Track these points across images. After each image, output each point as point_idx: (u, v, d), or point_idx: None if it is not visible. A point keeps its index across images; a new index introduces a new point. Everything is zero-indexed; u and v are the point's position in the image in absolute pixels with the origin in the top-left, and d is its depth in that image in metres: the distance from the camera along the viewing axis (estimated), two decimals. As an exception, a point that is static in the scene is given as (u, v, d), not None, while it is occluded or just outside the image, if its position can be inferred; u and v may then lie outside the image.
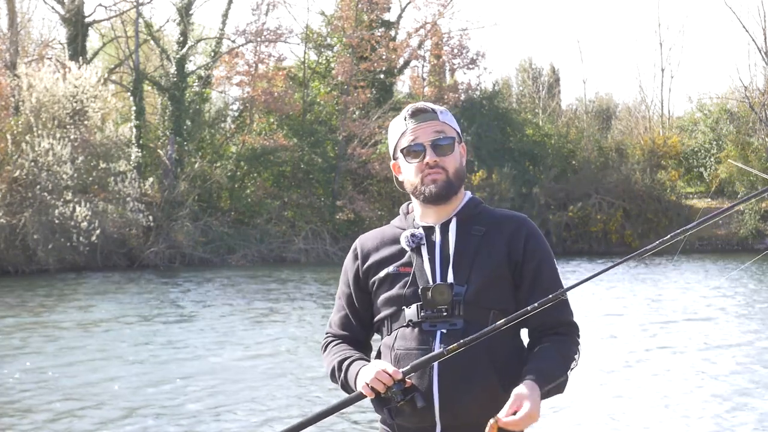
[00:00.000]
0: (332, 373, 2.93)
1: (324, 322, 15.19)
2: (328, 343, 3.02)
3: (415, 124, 2.88)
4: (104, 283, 22.50)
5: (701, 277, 22.94)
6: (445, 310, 2.75)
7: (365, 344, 3.01)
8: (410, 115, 2.90)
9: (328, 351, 2.99)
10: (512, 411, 2.56)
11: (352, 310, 2.99)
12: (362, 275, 2.95)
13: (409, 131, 2.88)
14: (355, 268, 2.98)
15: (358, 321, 2.98)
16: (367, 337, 3.01)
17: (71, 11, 31.06)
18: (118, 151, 28.36)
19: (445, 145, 2.86)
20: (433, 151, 2.85)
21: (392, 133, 2.96)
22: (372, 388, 2.69)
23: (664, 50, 50.38)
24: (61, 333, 14.00)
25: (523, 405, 2.57)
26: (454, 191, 2.87)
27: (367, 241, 3.00)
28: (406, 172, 2.92)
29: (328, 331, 3.05)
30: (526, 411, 2.56)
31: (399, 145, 2.92)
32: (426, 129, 2.87)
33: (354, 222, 32.16)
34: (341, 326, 3.01)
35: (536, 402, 2.59)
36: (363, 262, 2.95)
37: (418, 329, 2.78)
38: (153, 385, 9.95)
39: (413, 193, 2.91)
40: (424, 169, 2.85)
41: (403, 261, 2.86)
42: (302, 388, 9.80)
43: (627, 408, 8.79)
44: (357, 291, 2.96)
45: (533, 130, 38.60)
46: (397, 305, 2.83)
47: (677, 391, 9.40)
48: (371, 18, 35.63)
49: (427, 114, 2.89)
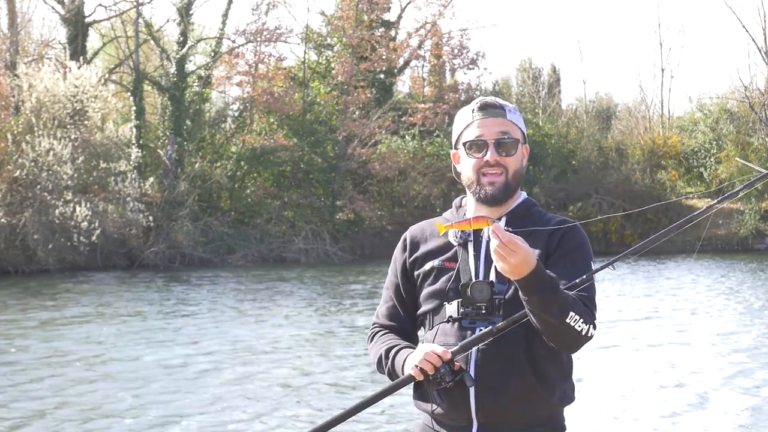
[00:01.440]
0: (379, 362, 2.91)
1: (325, 321, 15.19)
2: (375, 333, 3.00)
3: (482, 118, 2.85)
4: (104, 283, 22.50)
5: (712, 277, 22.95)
6: (485, 308, 2.74)
7: (412, 335, 2.99)
8: (479, 107, 2.86)
9: (375, 341, 2.97)
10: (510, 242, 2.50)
11: (399, 300, 2.97)
12: (409, 266, 2.94)
13: (475, 124, 2.85)
14: (403, 259, 2.96)
15: (406, 312, 2.96)
16: (414, 328, 2.99)
17: (71, 11, 31.06)
18: (118, 151, 28.36)
19: (508, 144, 2.83)
20: (495, 150, 2.81)
21: (458, 122, 2.93)
22: (421, 370, 2.68)
23: (664, 50, 50.46)
24: (60, 333, 14.00)
25: (520, 244, 2.50)
26: (510, 194, 2.84)
27: (416, 233, 2.98)
28: (465, 165, 2.88)
29: (375, 322, 3.04)
30: (519, 245, 2.49)
31: (462, 137, 2.89)
32: (492, 125, 2.83)
33: (354, 222, 32.16)
34: (388, 317, 2.99)
35: (530, 259, 2.50)
36: (411, 254, 2.95)
37: (457, 325, 2.77)
38: (153, 385, 9.95)
39: (469, 188, 2.88)
40: (483, 167, 2.82)
41: (448, 255, 2.86)
42: (303, 388, 9.80)
43: (629, 408, 8.80)
44: (405, 282, 2.95)
45: (533, 130, 38.57)
46: (440, 300, 2.83)
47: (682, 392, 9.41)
48: (371, 18, 35.64)
49: (495, 110, 2.86)
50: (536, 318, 2.60)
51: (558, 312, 2.57)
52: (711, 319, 15.12)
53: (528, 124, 39.22)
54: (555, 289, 2.57)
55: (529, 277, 2.52)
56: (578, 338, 2.63)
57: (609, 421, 8.33)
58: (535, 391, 2.70)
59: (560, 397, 2.77)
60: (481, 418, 2.71)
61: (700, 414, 8.45)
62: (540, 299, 2.55)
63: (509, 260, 2.50)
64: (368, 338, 3.03)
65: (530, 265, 2.51)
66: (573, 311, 2.59)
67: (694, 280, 22.27)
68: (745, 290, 19.56)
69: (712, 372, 10.39)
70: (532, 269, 2.51)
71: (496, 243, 2.51)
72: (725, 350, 11.90)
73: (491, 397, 2.70)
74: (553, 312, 2.57)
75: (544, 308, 2.57)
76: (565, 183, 35.93)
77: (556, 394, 2.75)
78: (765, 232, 34.35)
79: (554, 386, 2.74)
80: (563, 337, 2.63)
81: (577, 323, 2.60)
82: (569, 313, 2.58)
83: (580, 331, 2.62)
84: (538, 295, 2.55)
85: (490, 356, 2.70)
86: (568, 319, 2.58)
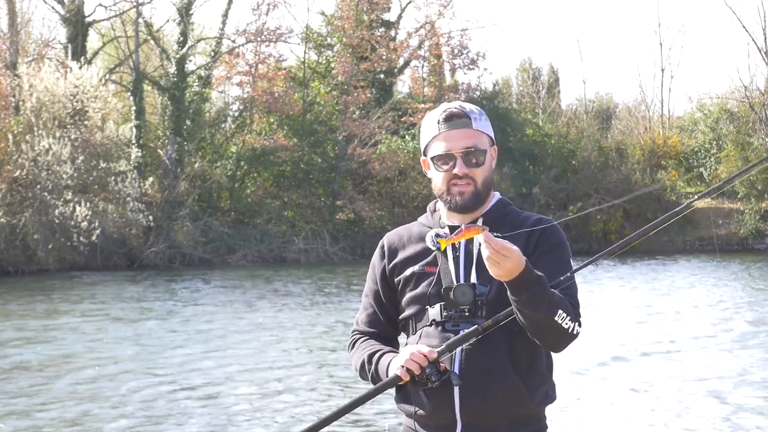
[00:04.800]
0: (361, 368, 2.91)
1: (325, 321, 15.19)
2: (355, 340, 3.01)
3: (448, 130, 2.83)
4: (104, 283, 22.50)
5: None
6: (468, 311, 2.75)
7: (393, 341, 3.00)
8: (444, 119, 2.83)
9: (356, 347, 2.97)
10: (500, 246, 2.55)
11: (379, 307, 2.98)
12: (389, 273, 2.95)
13: (441, 137, 2.83)
14: (382, 266, 2.97)
15: (386, 318, 2.97)
16: (394, 334, 3.00)
17: (71, 11, 31.06)
18: (118, 151, 28.36)
19: (476, 156, 2.82)
20: (463, 163, 2.81)
21: (424, 132, 2.91)
22: (407, 370, 2.70)
23: (664, 50, 50.51)
24: (59, 333, 14.00)
25: (512, 248, 2.55)
26: (481, 201, 2.85)
27: (393, 239, 2.99)
28: (434, 176, 2.88)
29: (355, 329, 3.04)
30: (512, 249, 2.54)
31: (430, 150, 2.88)
32: (458, 138, 2.81)
33: (354, 222, 32.15)
34: (369, 323, 3.00)
35: (521, 260, 2.55)
36: (390, 260, 2.95)
37: (441, 328, 2.79)
38: (151, 385, 9.95)
39: (440, 197, 2.88)
40: (452, 179, 2.82)
41: (428, 260, 2.86)
42: (303, 389, 9.80)
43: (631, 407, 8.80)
44: (385, 288, 2.96)
45: (533, 130, 38.62)
46: (421, 304, 2.84)
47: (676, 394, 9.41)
48: (371, 18, 35.64)
49: (461, 120, 2.82)
50: (524, 317, 2.63)
51: (547, 309, 2.61)
52: (705, 319, 15.11)
53: (528, 124, 39.28)
54: (544, 287, 2.61)
55: (519, 277, 2.57)
56: (565, 336, 2.68)
57: (591, 421, 8.33)
58: (518, 391, 2.73)
59: (542, 397, 2.80)
60: (465, 418, 2.73)
61: (686, 415, 8.45)
62: (529, 297, 2.59)
63: (503, 265, 2.54)
64: (349, 345, 3.03)
65: (520, 265, 2.56)
66: (561, 309, 2.64)
67: (693, 279, 22.25)
68: (742, 290, 19.56)
69: (705, 372, 10.39)
70: (523, 269, 2.57)
71: (488, 251, 2.54)
72: (716, 351, 11.91)
73: (475, 398, 2.72)
74: (542, 309, 2.61)
75: (533, 306, 2.60)
76: (565, 183, 35.94)
77: (538, 394, 2.78)
78: (765, 232, 34.34)
79: (536, 386, 2.77)
80: (551, 334, 2.67)
81: (564, 321, 2.65)
82: (557, 311, 2.63)
83: (567, 328, 2.67)
84: (528, 293, 2.59)
85: (474, 357, 2.72)
86: (557, 317, 2.63)
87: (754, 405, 8.77)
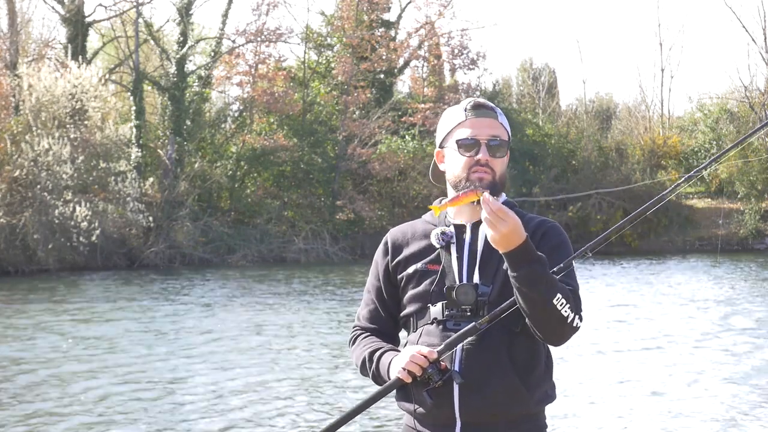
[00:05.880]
0: (362, 365, 2.92)
1: (325, 321, 15.19)
2: (356, 336, 3.01)
3: (475, 117, 2.87)
4: (104, 283, 22.50)
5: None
6: (470, 310, 2.76)
7: (394, 337, 3.00)
8: (472, 107, 2.88)
9: (357, 344, 2.98)
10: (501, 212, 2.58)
11: (381, 303, 2.98)
12: (392, 270, 2.95)
13: (468, 123, 2.87)
14: (385, 263, 2.97)
15: (388, 314, 2.98)
16: (395, 330, 3.01)
17: (71, 11, 31.07)
18: (118, 151, 28.36)
19: (499, 146, 2.85)
20: (487, 150, 2.83)
21: (447, 120, 2.93)
22: (409, 372, 2.70)
23: (664, 50, 50.53)
24: (59, 333, 14.00)
25: (509, 213, 2.57)
26: (496, 193, 2.84)
27: (397, 236, 2.99)
28: (453, 163, 2.89)
29: (356, 325, 3.04)
30: (509, 213, 2.57)
31: (453, 135, 2.89)
32: (484, 126, 2.85)
33: (354, 222, 32.16)
34: (370, 319, 3.01)
35: (520, 231, 2.58)
36: (393, 257, 2.95)
37: (442, 327, 2.79)
38: (152, 385, 9.95)
39: (455, 186, 2.87)
40: (473, 165, 2.83)
41: (431, 258, 2.87)
42: (303, 389, 9.80)
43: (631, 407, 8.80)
44: (387, 285, 2.96)
45: (533, 130, 38.63)
46: (423, 302, 2.85)
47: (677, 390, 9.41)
48: (371, 18, 35.66)
49: (488, 110, 2.88)
50: (523, 297, 2.62)
51: (545, 290, 2.60)
52: (705, 319, 15.11)
53: (528, 124, 39.29)
54: (544, 266, 2.61)
55: (519, 249, 2.58)
56: (564, 325, 2.66)
57: (590, 420, 8.33)
58: (518, 390, 2.73)
59: (541, 397, 2.80)
60: (465, 417, 2.73)
61: (687, 415, 8.45)
62: (528, 273, 2.59)
63: (499, 228, 2.56)
64: (350, 341, 3.04)
65: (520, 237, 2.58)
66: (560, 294, 2.63)
67: (693, 279, 22.26)
68: (742, 290, 19.56)
69: (701, 369, 10.40)
70: (523, 241, 2.58)
71: (486, 213, 2.57)
72: (715, 349, 11.91)
73: (475, 396, 2.72)
74: (541, 290, 2.60)
75: (531, 284, 2.59)
76: (565, 183, 35.94)
77: (537, 393, 2.78)
78: (765, 232, 34.34)
79: (536, 386, 2.77)
80: (549, 321, 2.64)
81: (564, 308, 2.63)
82: (556, 294, 2.62)
83: (566, 317, 2.65)
84: (527, 269, 2.59)
85: (473, 356, 2.73)
86: (555, 300, 2.61)
87: (754, 405, 8.77)
